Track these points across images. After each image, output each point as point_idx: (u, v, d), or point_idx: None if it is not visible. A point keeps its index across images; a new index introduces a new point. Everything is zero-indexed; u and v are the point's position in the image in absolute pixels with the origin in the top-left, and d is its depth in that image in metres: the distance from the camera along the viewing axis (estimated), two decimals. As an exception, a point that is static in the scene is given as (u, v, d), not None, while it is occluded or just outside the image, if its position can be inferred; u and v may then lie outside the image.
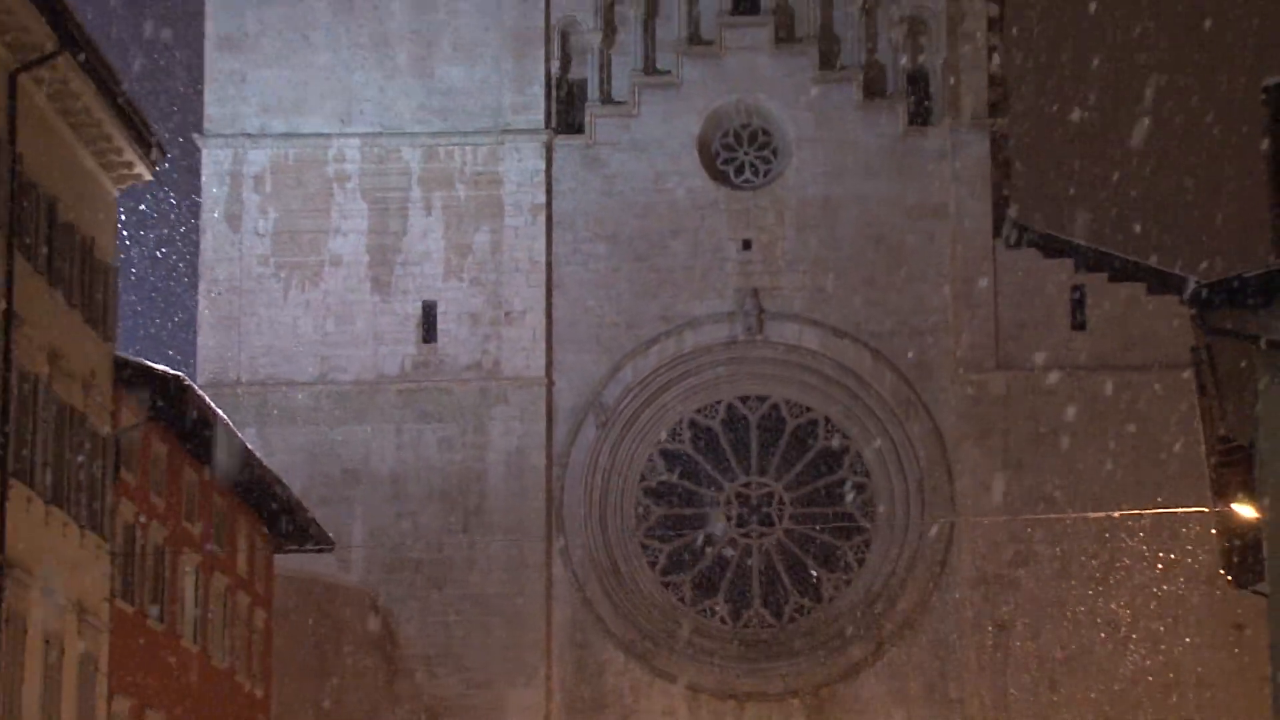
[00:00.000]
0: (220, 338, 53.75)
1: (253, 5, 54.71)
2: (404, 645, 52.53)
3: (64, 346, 33.26)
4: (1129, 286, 52.58)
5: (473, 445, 53.37)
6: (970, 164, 53.42)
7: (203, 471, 41.85)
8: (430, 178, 54.15)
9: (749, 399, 54.02)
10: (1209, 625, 50.77)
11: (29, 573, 31.29)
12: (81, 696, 33.98)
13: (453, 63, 54.47)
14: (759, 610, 53.11)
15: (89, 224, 35.25)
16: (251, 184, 54.19)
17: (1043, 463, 52.03)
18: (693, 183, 54.15)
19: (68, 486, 33.28)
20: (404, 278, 53.92)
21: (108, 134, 35.09)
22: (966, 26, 54.12)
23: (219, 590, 42.98)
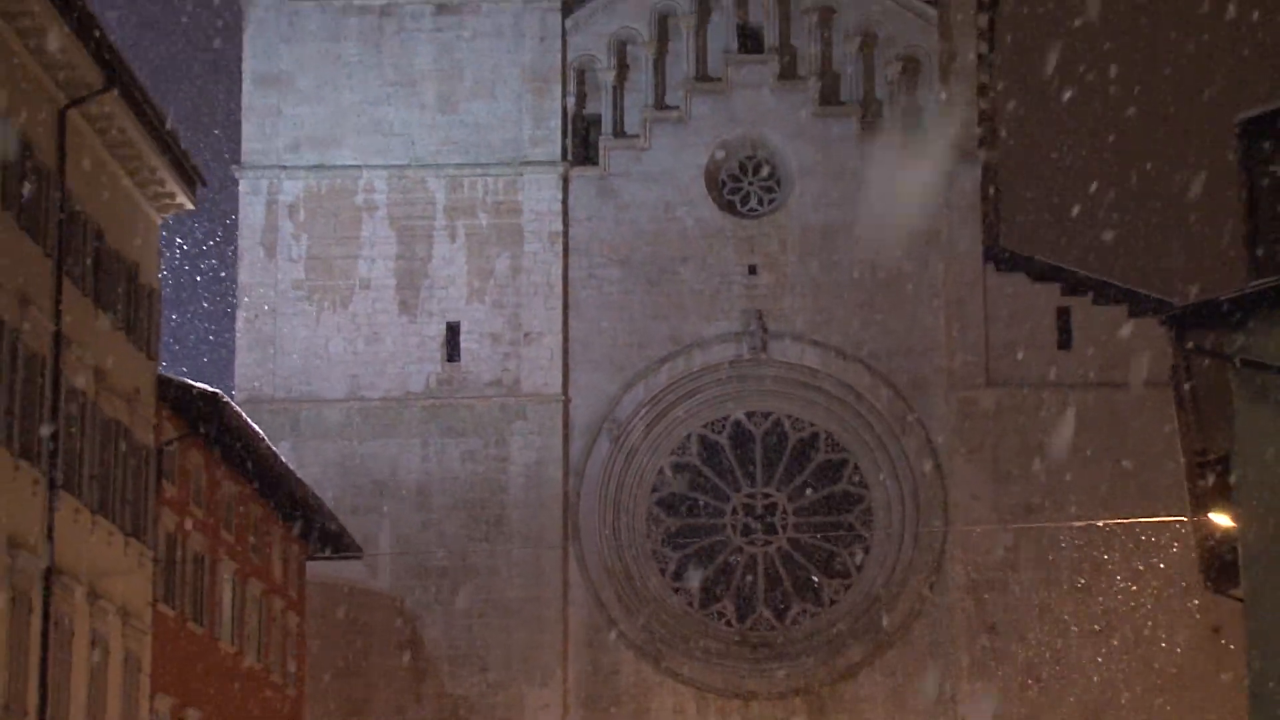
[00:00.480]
0: (256, 357, 53.80)
1: (288, 45, 54.82)
2: (429, 647, 52.52)
3: (109, 365, 33.35)
4: (1111, 309, 52.60)
5: (494, 458, 53.36)
6: (961, 194, 53.47)
7: (239, 483, 41.95)
8: (454, 207, 54.20)
9: (754, 414, 54.01)
10: (1187, 628, 50.71)
11: (76, 578, 31.38)
12: (125, 695, 34.05)
13: (475, 99, 54.53)
14: (764, 613, 53.09)
15: (133, 250, 35.35)
16: (286, 213, 54.26)
17: (1030, 475, 52.00)
18: (701, 211, 54.19)
19: (113, 497, 33.36)
20: (429, 300, 53.95)
21: (151, 166, 35.18)
22: (957, 65, 54.17)
23: (255, 595, 43.03)
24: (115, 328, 33.95)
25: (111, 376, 33.35)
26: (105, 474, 32.98)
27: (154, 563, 35.67)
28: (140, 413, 35.05)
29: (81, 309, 32.03)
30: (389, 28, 54.85)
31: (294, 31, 54.86)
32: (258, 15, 54.96)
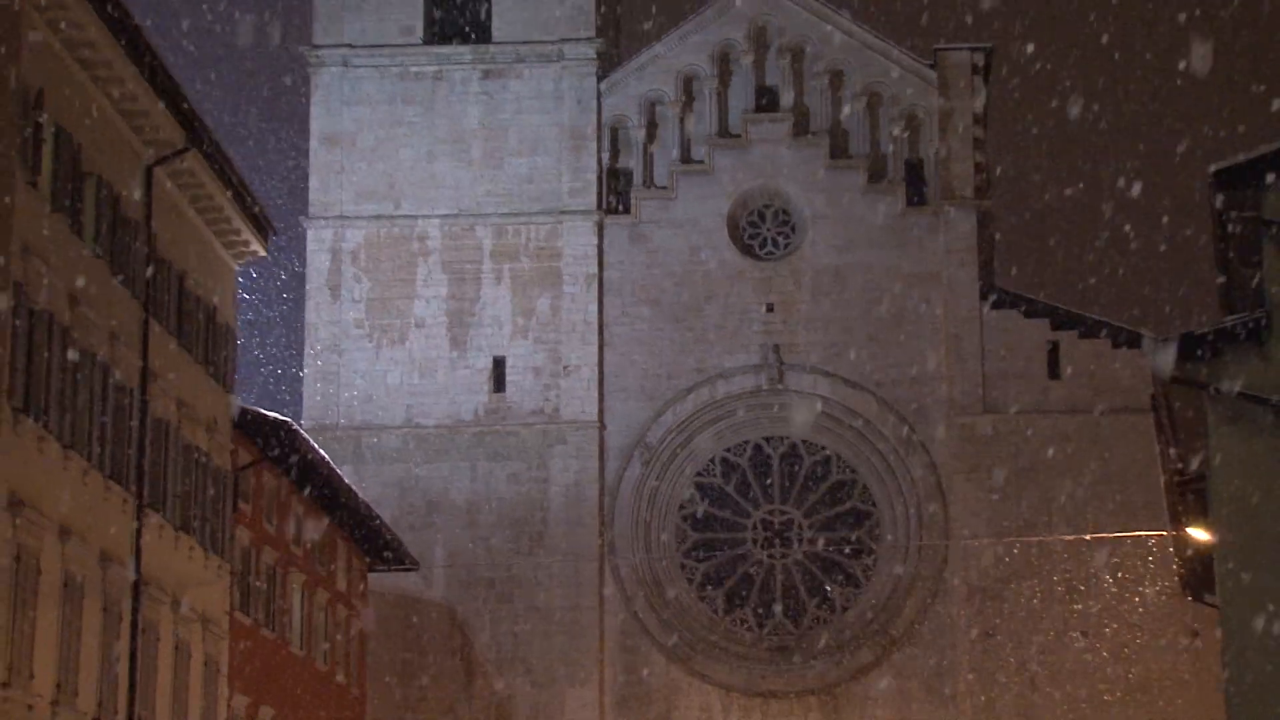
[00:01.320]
0: (322, 389, 53.89)
1: (350, 108, 55.00)
2: (478, 651, 52.51)
3: (191, 397, 33.55)
4: (1097, 342, 52.49)
5: (536, 480, 53.34)
6: (959, 238, 53.41)
7: (307, 503, 42.09)
8: (500, 252, 54.26)
9: (772, 439, 53.94)
10: (1168, 633, 50.49)
11: (161, 589, 31.57)
12: (205, 695, 34.20)
13: (519, 155, 54.62)
14: (781, 619, 52.97)
15: (212, 293, 35.56)
16: (349, 259, 54.39)
17: (1024, 493, 51.88)
18: (723, 255, 54.19)
19: (194, 516, 33.50)
20: (477, 337, 54.01)
21: (228, 217, 35.41)
22: (955, 121, 54.14)
23: (321, 604, 43.17)
24: (196, 363, 34.16)
25: (192, 407, 33.57)
26: (187, 495, 33.16)
27: (231, 575, 35.85)
28: (218, 440, 35.24)
29: (166, 346, 32.25)
30: (441, 91, 55.06)
31: (356, 95, 55.07)
32: (324, 80, 55.19)
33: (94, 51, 28.30)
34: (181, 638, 32.66)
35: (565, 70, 54.87)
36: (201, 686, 33.81)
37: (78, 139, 28.32)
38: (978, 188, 53.97)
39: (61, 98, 27.71)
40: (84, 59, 28.36)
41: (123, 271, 30.20)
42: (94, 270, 28.97)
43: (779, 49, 55.42)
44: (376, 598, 49.72)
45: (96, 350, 28.80)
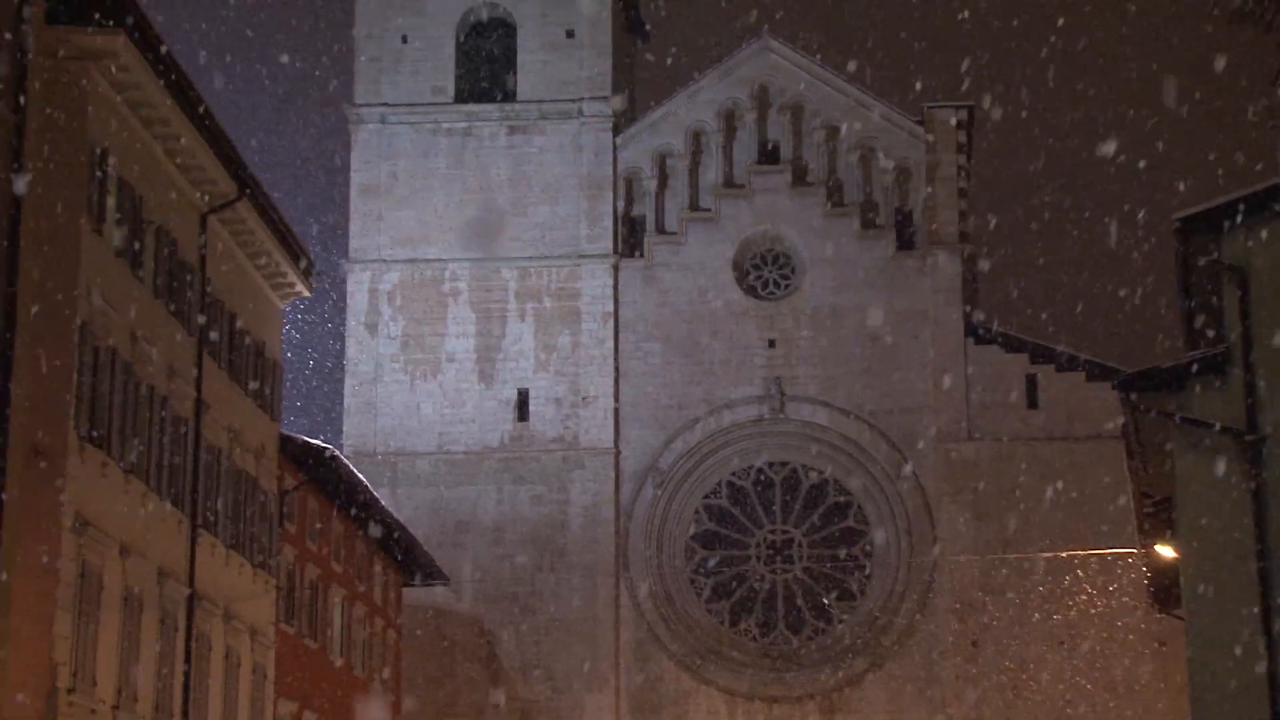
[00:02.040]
0: (361, 418, 53.98)
1: (387, 160, 55.18)
2: (504, 659, 52.50)
3: (241, 426, 33.59)
4: (1072, 375, 52.49)
5: (557, 502, 53.38)
6: (945, 280, 53.46)
7: (347, 523, 42.11)
8: (524, 292, 54.37)
9: (774, 464, 53.97)
10: (1138, 643, 50.40)
11: (214, 603, 31.55)
12: (254, 700, 34.19)
13: (541, 204, 54.77)
14: (783, 630, 52.95)
15: (260, 330, 35.62)
16: (385, 299, 54.51)
17: (1005, 513, 51.81)
18: (728, 295, 54.29)
19: (243, 535, 33.54)
20: (503, 370, 54.09)
21: (275, 261, 35.46)
22: (941, 172, 54.23)
23: (360, 616, 43.15)
24: (245, 395, 34.19)
25: (242, 435, 33.61)
26: (237, 515, 33.19)
27: (277, 589, 35.87)
28: (265, 465, 35.26)
29: (218, 379, 32.30)
30: (470, 145, 55.23)
31: (392, 149, 55.25)
32: (363, 136, 55.38)
33: (153, 110, 28.42)
34: (232, 647, 32.66)
35: (584, 126, 55.06)
36: (250, 692, 33.82)
37: (139, 190, 28.42)
38: (962, 233, 54.07)
39: (124, 153, 27.82)
40: (144, 117, 28.47)
41: (179, 311, 30.27)
42: (153, 310, 29.05)
43: (779, 107, 55.59)
44: (410, 610, 49.75)
45: (155, 383, 28.87)
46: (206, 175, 30.91)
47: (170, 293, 29.88)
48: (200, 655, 30.69)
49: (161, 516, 29.06)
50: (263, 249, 34.69)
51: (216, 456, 31.92)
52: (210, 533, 31.32)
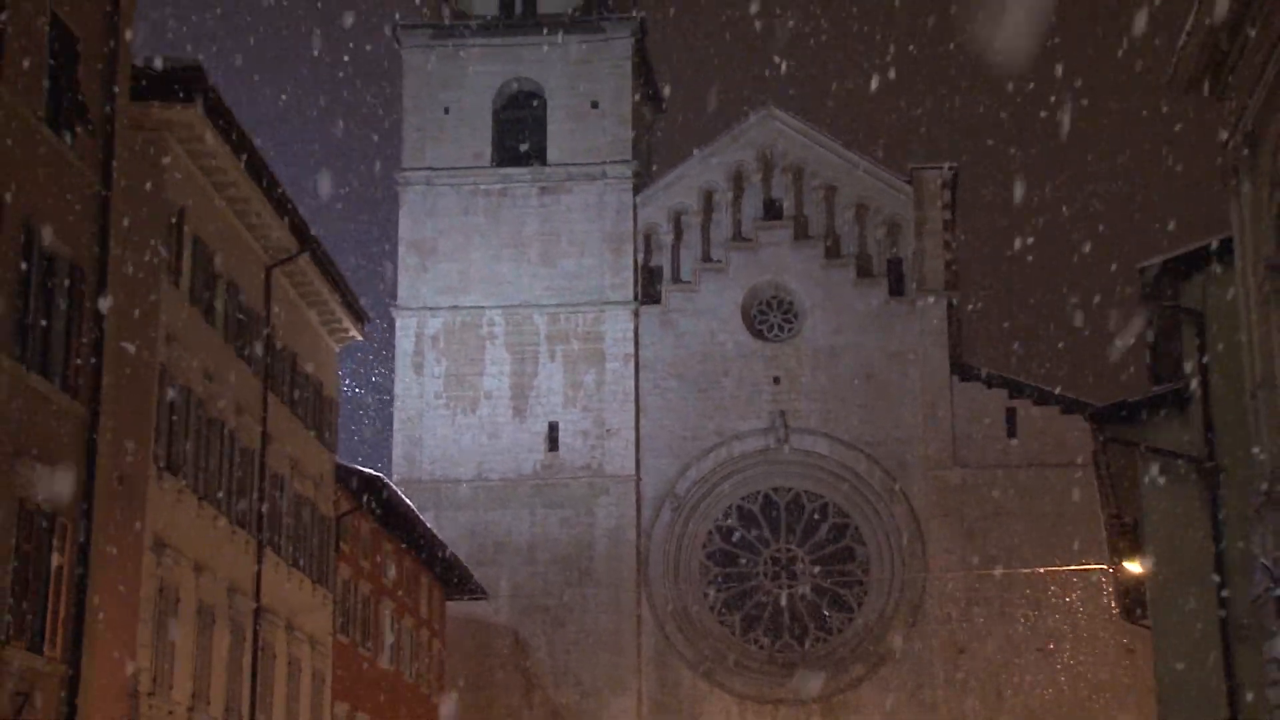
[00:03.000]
0: (408, 449, 54.06)
1: (431, 218, 55.36)
2: (536, 666, 52.45)
3: (301, 456, 33.77)
4: (1047, 409, 52.40)
5: (584, 524, 53.35)
6: (931, 323, 53.47)
7: (396, 543, 42.21)
8: (553, 336, 54.45)
9: (779, 489, 53.89)
10: (1109, 650, 50.22)
11: (277, 615, 31.68)
12: (313, 702, 34.29)
13: (568, 256, 54.88)
14: (788, 639, 52.83)
15: (319, 371, 35.83)
16: (430, 343, 54.62)
17: (989, 534, 51.75)
18: (737, 338, 54.32)
19: (303, 554, 33.70)
20: (535, 406, 54.13)
21: (331, 308, 35.69)
22: (928, 227, 54.25)
23: (408, 627, 43.21)
24: (305, 428, 34.40)
25: (302, 464, 33.78)
26: (298, 537, 33.35)
27: (333, 603, 35.97)
28: (323, 491, 35.43)
29: (280, 414, 32.49)
30: (505, 204, 55.39)
31: (436, 208, 55.43)
32: (410, 197, 55.59)
33: (224, 175, 28.67)
34: (293, 655, 32.77)
35: (607, 186, 55.20)
36: (309, 695, 33.91)
37: (211, 246, 28.67)
38: (947, 281, 54.05)
39: (198, 213, 28.10)
40: (216, 181, 28.73)
41: (246, 354, 30.47)
42: (223, 353, 29.26)
43: (782, 169, 55.70)
44: (452, 622, 49.77)
45: (225, 418, 29.06)
46: (271, 233, 31.18)
47: (238, 338, 30.09)
48: (265, 662, 30.81)
49: (231, 537, 29.26)
50: (321, 298, 34.94)
51: (279, 484, 32.08)
52: (274, 552, 31.49)
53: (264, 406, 31.12)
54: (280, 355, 32.60)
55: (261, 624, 30.41)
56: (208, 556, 27.90)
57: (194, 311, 27.76)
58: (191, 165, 27.64)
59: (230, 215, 29.77)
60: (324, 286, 34.61)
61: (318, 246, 33.57)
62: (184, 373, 26.93)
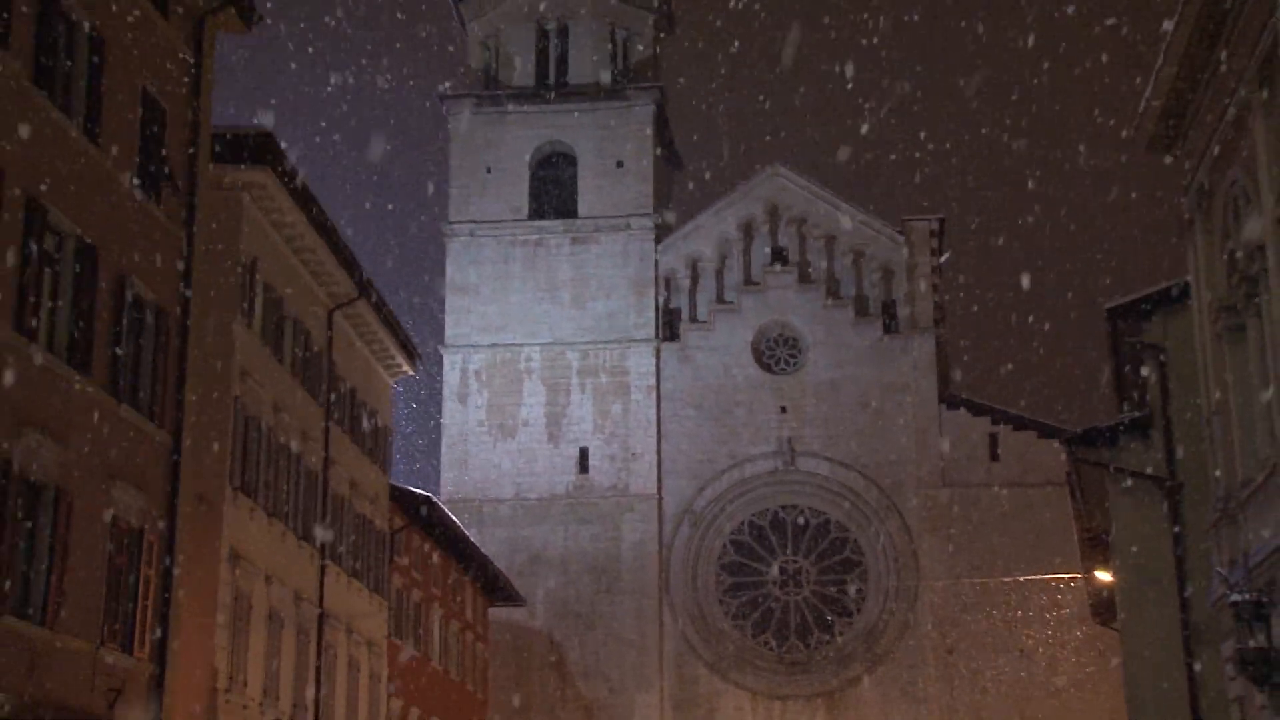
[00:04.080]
0: (455, 471, 54.15)
1: (475, 265, 55.57)
2: (570, 666, 52.44)
3: (359, 478, 33.86)
4: (1026, 433, 52.35)
5: (611, 539, 53.38)
6: (923, 358, 53.48)
7: (444, 556, 42.27)
8: (584, 370, 54.57)
9: (786, 507, 53.86)
10: (1082, 650, 50.04)
11: (339, 620, 31.75)
12: (370, 699, 34.32)
13: (597, 299, 55.03)
14: (794, 641, 52.74)
15: (375, 402, 35.96)
16: (474, 376, 54.76)
17: (974, 546, 51.64)
18: (748, 371, 54.38)
19: (361, 565, 33.76)
20: (568, 432, 54.22)
21: (386, 346, 35.82)
22: (919, 271, 54.38)
23: (454, 631, 43.22)
24: (362, 453, 34.50)
25: (360, 485, 33.87)
26: (356, 550, 33.42)
27: (388, 609, 35.98)
28: (379, 509, 35.51)
29: (341, 441, 32.62)
30: (540, 253, 55.59)
31: (479, 256, 55.66)
32: (455, 246, 55.83)
33: (291, 228, 28.86)
34: (353, 656, 32.82)
35: (631, 237, 55.39)
36: (368, 692, 33.95)
37: (280, 292, 28.83)
38: (935, 319, 54.12)
39: (268, 262, 28.27)
40: (284, 234, 28.92)
41: (311, 387, 30.61)
42: (290, 387, 29.40)
43: (788, 220, 55.86)
44: (494, 626, 49.78)
45: (292, 444, 29.18)
46: (332, 279, 31.34)
47: (304, 372, 30.22)
48: (328, 662, 30.85)
49: (297, 551, 29.34)
50: (376, 337, 35.08)
51: (340, 503, 32.17)
52: (335, 564, 31.54)
53: (326, 434, 31.22)
54: (341, 388, 32.72)
55: (324, 628, 30.43)
56: (277, 568, 27.97)
57: (265, 350, 27.90)
58: (263, 220, 27.83)
59: (297, 264, 29.93)
60: (379, 327, 34.73)
61: (374, 291, 33.71)
62: (256, 404, 27.06)
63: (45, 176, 18.76)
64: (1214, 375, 19.56)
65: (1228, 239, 18.93)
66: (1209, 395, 19.89)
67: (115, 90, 20.79)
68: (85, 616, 19.46)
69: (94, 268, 19.92)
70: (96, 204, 20.09)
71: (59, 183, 19.13)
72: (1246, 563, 16.33)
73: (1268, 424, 17.04)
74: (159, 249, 22.07)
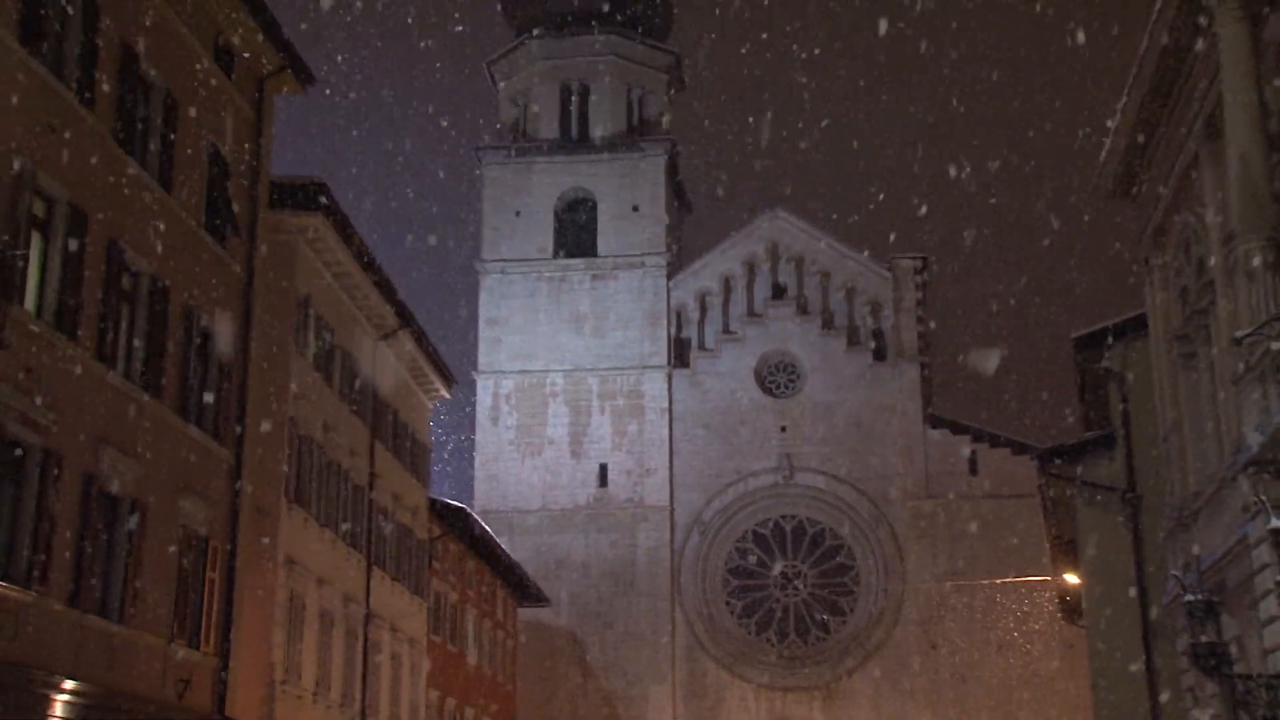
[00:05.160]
0: (487, 486, 54.24)
1: (505, 300, 55.71)
2: (591, 661, 52.43)
3: (401, 491, 33.96)
4: (1002, 450, 52.27)
5: (628, 546, 53.41)
6: (908, 382, 53.48)
7: (477, 561, 42.34)
8: (603, 394, 54.66)
9: (785, 517, 53.83)
10: (1052, 646, 49.91)
11: (383, 619, 31.81)
12: (412, 689, 34.35)
13: (615, 329, 55.15)
14: (794, 638, 52.68)
15: (415, 422, 36.07)
16: (504, 400, 54.87)
17: (955, 552, 51.60)
18: (751, 395, 54.43)
19: (403, 570, 33.81)
20: (589, 450, 54.30)
21: (425, 372, 35.94)
22: (904, 305, 54.44)
23: (487, 629, 43.27)
24: (404, 468, 34.59)
25: (401, 497, 33.95)
26: (399, 556, 33.49)
27: (427, 610, 36.05)
28: (418, 519, 35.58)
29: (385, 457, 32.73)
30: (564, 288, 55.73)
31: (509, 291, 55.82)
32: (488, 282, 55.99)
33: (340, 266, 29.04)
34: (396, 651, 32.88)
35: (646, 274, 55.54)
36: (409, 684, 33.98)
37: (330, 324, 29.02)
38: (920, 348, 54.17)
39: (320, 297, 28.45)
40: (334, 271, 29.09)
41: (357, 409, 30.76)
42: (339, 408, 29.56)
43: (786, 258, 55.99)
44: (523, 625, 49.80)
45: (340, 461, 29.31)
46: (377, 312, 31.51)
47: (351, 396, 30.37)
48: (373, 657, 30.91)
49: (345, 557, 29.44)
50: (416, 364, 35.22)
51: (384, 513, 32.27)
52: (380, 568, 31.62)
53: (371, 451, 31.35)
54: (384, 410, 32.85)
55: (370, 626, 30.51)
56: (327, 572, 28.09)
57: (316, 376, 28.05)
58: (315, 260, 28.02)
59: (345, 299, 30.10)
60: (419, 355, 34.87)
61: (414, 323, 33.85)
62: (308, 424, 27.21)
63: (124, 222, 19.02)
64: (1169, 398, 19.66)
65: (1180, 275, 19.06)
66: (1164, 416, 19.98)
67: (186, 145, 21.06)
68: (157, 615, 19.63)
69: (165, 303, 20.16)
70: (169, 246, 20.33)
71: (136, 227, 19.39)
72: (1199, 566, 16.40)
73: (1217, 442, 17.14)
74: (223, 286, 22.31)
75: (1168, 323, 19.67)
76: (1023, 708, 49.97)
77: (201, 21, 21.84)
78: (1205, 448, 17.97)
